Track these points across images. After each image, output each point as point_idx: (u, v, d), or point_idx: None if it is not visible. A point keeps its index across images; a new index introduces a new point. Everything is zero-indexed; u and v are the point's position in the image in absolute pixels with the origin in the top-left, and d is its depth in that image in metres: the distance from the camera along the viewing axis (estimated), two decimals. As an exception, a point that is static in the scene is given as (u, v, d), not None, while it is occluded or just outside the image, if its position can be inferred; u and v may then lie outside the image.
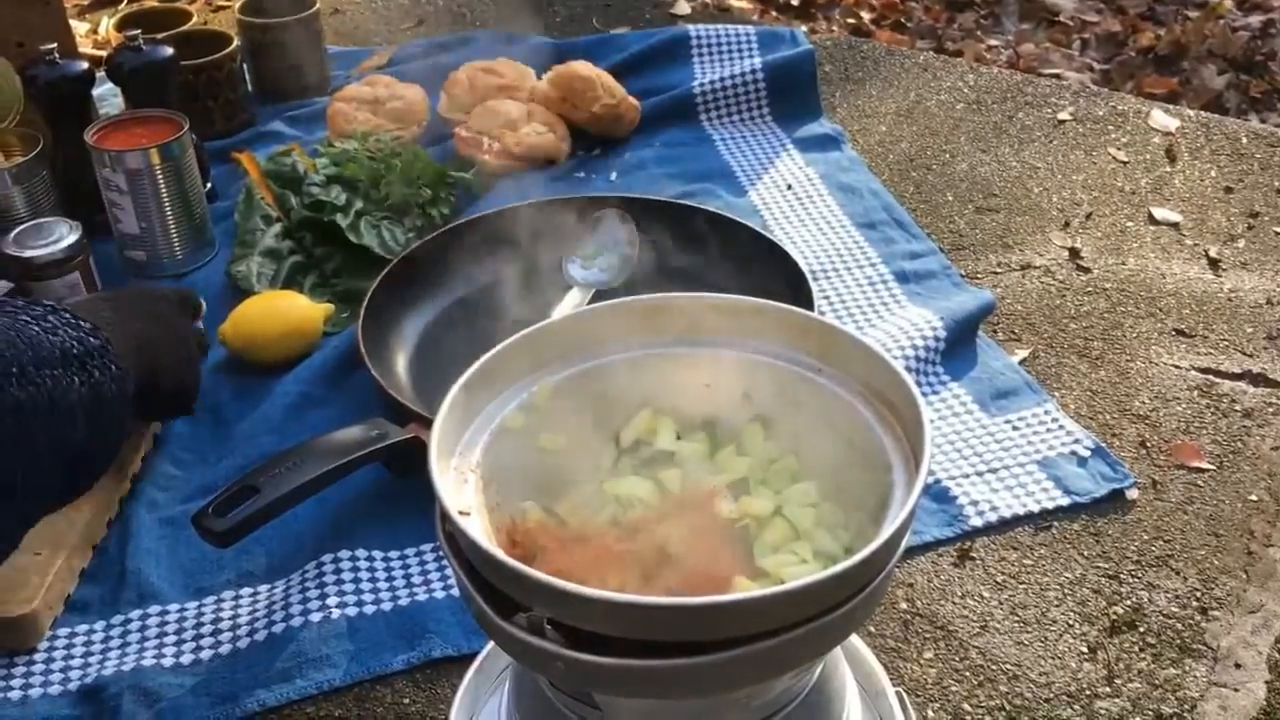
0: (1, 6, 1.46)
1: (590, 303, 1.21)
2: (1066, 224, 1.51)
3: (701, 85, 1.75)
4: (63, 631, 0.99)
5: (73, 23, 1.66)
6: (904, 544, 0.64)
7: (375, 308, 1.23)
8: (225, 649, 0.97)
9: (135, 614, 1.00)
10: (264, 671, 0.94)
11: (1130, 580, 1.02)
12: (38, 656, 0.96)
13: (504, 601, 0.59)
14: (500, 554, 0.58)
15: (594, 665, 0.57)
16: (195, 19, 1.81)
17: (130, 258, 1.42)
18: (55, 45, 1.42)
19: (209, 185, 1.54)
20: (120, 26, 1.73)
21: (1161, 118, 1.72)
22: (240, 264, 1.38)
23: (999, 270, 1.42)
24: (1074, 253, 1.45)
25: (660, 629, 0.57)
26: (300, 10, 1.78)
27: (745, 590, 0.63)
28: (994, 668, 0.95)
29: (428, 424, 0.68)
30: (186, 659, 0.96)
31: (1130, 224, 1.51)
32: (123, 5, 2.22)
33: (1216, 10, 2.67)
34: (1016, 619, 0.99)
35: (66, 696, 0.93)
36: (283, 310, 1.29)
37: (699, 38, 1.84)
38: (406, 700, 0.93)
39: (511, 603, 0.59)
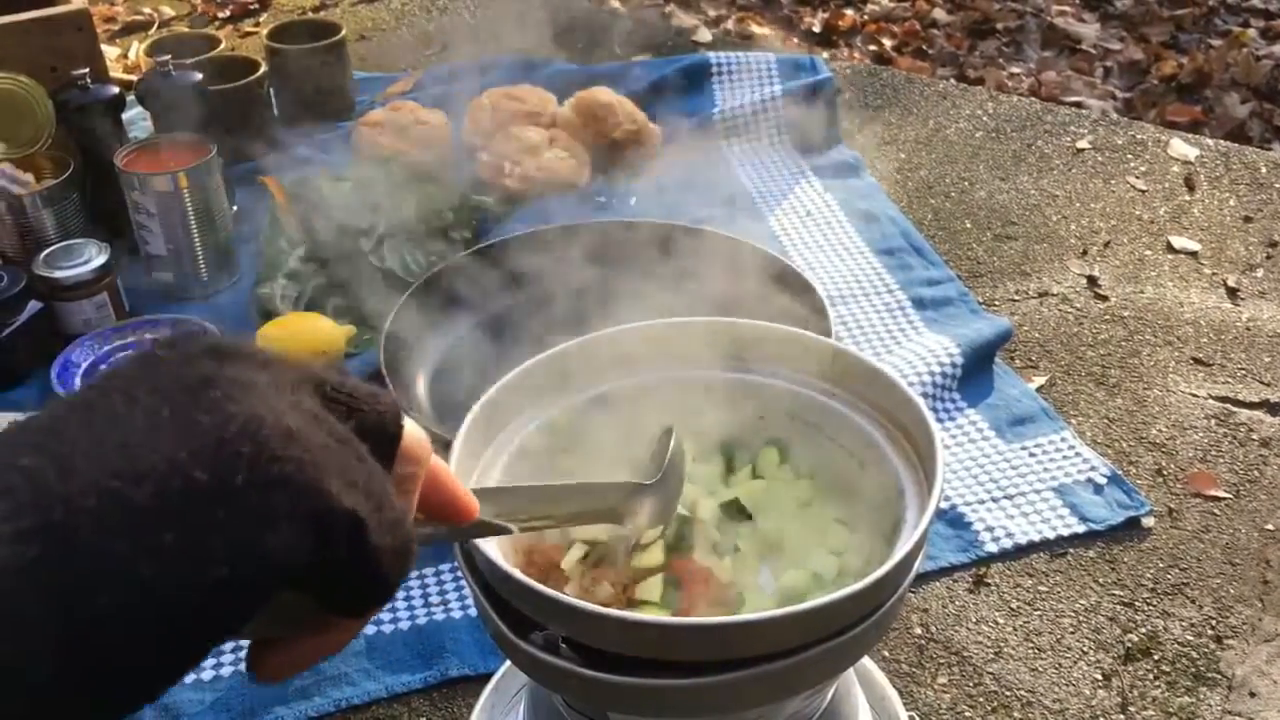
0: (34, 32, 1.48)
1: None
2: (1084, 252, 1.51)
3: (721, 112, 1.76)
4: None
5: (104, 48, 1.69)
6: (916, 567, 0.64)
7: (396, 330, 1.24)
8: (245, 665, 0.98)
9: (157, 630, 1.01)
10: (283, 689, 0.95)
11: (1145, 608, 1.02)
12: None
13: (520, 620, 0.60)
14: (516, 573, 0.59)
15: (608, 684, 0.58)
16: (223, 45, 1.84)
17: (157, 279, 1.44)
18: (86, 70, 1.45)
19: (235, 208, 1.56)
20: (150, 52, 1.76)
21: (1181, 146, 1.73)
22: (265, 286, 1.39)
23: (1016, 298, 1.43)
24: (1092, 281, 1.46)
25: (674, 648, 0.57)
26: (326, 36, 1.80)
27: (758, 611, 0.64)
28: (1008, 694, 0.95)
29: (447, 445, 0.69)
30: (207, 675, 0.97)
31: (1148, 252, 1.51)
32: (153, 31, 2.26)
33: (1240, 39, 2.67)
34: (1031, 645, 0.99)
35: (89, 711, 0.94)
36: (306, 332, 1.30)
37: (719, 65, 1.86)
38: (423, 718, 0.93)
39: (527, 621, 0.59)
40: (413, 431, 0.43)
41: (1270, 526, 1.10)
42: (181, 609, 0.33)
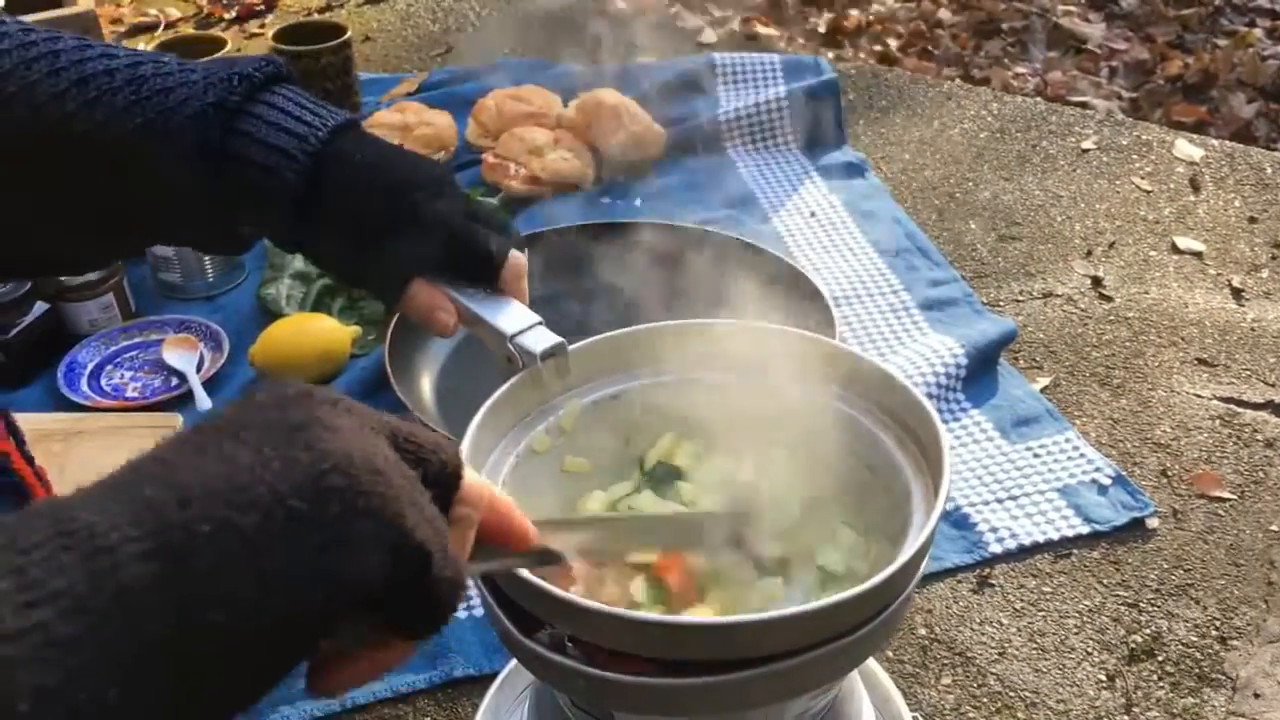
0: (42, 33, 1.49)
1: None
2: (1089, 252, 1.51)
3: (726, 113, 1.77)
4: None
5: (110, 49, 1.69)
6: (922, 568, 0.64)
7: (401, 330, 1.25)
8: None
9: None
10: (287, 688, 0.95)
11: (1149, 609, 1.02)
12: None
13: (527, 619, 0.60)
14: (523, 571, 0.59)
15: (614, 683, 0.58)
16: (229, 46, 1.84)
17: (163, 280, 1.44)
18: (93, 71, 1.45)
19: (241, 208, 1.56)
20: (156, 52, 1.76)
21: (1186, 147, 1.73)
22: (270, 287, 1.40)
23: (1021, 298, 1.43)
24: (1096, 281, 1.46)
25: (680, 648, 0.57)
26: (332, 38, 1.80)
27: (765, 611, 0.64)
28: (1012, 695, 0.95)
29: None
30: (213, 675, 0.97)
31: (1153, 253, 1.51)
32: (159, 32, 2.26)
33: (1246, 39, 2.67)
34: (1035, 646, 0.99)
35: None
36: (311, 332, 1.30)
37: (724, 66, 1.86)
38: (428, 718, 0.94)
39: (534, 620, 0.60)
40: (472, 479, 0.48)
41: (1275, 527, 1.10)
42: (274, 629, 0.39)
